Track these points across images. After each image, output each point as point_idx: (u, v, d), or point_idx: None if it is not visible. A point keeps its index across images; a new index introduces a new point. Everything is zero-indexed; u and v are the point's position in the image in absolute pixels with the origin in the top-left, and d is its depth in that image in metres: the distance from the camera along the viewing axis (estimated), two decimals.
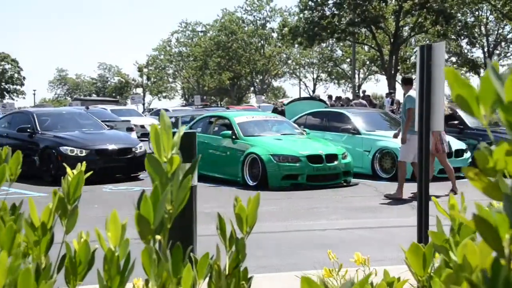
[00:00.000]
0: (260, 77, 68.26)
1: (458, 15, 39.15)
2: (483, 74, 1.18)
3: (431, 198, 2.08)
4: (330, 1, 37.60)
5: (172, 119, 20.47)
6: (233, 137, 13.37)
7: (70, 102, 36.84)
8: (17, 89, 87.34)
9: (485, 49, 47.72)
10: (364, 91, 31.54)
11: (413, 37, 41.67)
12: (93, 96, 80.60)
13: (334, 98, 30.12)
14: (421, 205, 4.49)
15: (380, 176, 13.74)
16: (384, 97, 31.54)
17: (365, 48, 55.99)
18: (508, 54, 51.73)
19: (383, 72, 39.07)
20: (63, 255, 1.65)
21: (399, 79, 58.46)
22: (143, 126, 28.02)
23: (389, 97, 28.94)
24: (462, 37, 42.09)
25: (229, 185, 12.99)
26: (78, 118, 15.37)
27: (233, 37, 63.94)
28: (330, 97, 30.44)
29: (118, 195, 12.00)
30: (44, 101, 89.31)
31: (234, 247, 1.85)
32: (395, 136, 12.20)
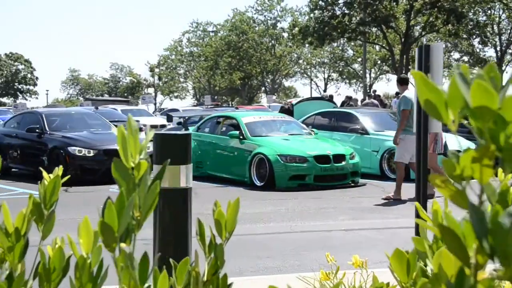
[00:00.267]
0: (271, 77, 68.21)
1: (469, 14, 38.88)
2: (450, 80, 1.14)
3: (415, 203, 2.04)
4: (340, 1, 37.48)
5: (181, 119, 20.45)
6: (241, 137, 13.35)
7: (81, 103, 36.98)
8: (30, 89, 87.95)
9: (498, 48, 47.40)
10: (374, 91, 31.40)
11: (424, 37, 41.43)
12: (105, 96, 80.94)
13: (344, 98, 30.05)
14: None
15: (388, 177, 13.66)
16: (393, 97, 31.42)
17: (376, 47, 55.79)
18: None
19: (394, 72, 38.89)
20: (39, 262, 1.62)
21: (411, 78, 58.23)
22: (153, 126, 28.10)
23: (397, 97, 28.82)
24: (474, 36, 41.80)
25: (236, 185, 12.97)
26: (87, 118, 15.42)
27: (244, 37, 63.92)
28: (349, 98, 30.37)
29: None
30: (56, 101, 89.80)
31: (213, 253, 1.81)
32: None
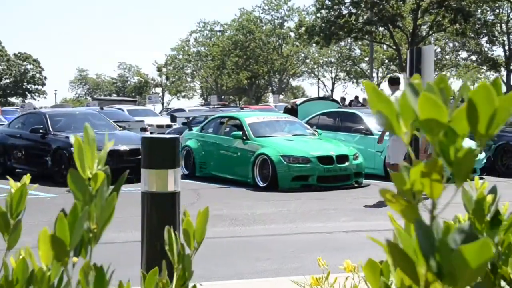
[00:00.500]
0: (278, 77, 68.16)
1: (477, 13, 38.70)
2: (403, 91, 1.11)
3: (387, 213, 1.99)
4: (347, 0, 37.40)
5: (186, 119, 20.42)
6: (244, 137, 13.32)
7: (88, 103, 37.10)
8: (39, 89, 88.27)
9: (506, 47, 47.13)
10: (381, 90, 31.36)
11: (431, 36, 41.27)
12: (113, 96, 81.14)
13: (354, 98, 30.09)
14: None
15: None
16: None
17: (384, 47, 55.62)
18: None
19: (401, 71, 38.74)
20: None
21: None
22: (159, 126, 28.10)
23: None
24: (482, 35, 41.58)
25: (239, 186, 12.95)
26: (91, 119, 15.42)
27: (251, 36, 63.90)
28: (356, 98, 30.33)
29: (128, 196, 11.97)
30: (65, 101, 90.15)
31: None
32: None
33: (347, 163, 12.59)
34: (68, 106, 45.44)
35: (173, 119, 20.64)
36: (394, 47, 40.42)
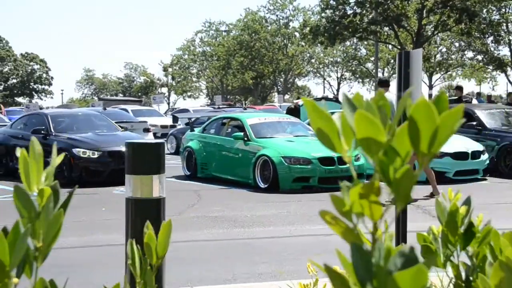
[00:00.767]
0: (283, 77, 68.07)
1: (483, 13, 38.48)
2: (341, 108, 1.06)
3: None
4: (351, 0, 37.28)
5: (189, 120, 20.38)
6: (245, 138, 13.28)
7: (92, 103, 37.12)
8: (45, 89, 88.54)
9: None
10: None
11: (437, 35, 41.10)
12: (119, 96, 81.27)
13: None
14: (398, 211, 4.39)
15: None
16: None
17: (389, 46, 55.44)
18: None
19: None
20: None
21: (424, 78, 57.84)
22: (163, 126, 28.08)
23: None
24: (487, 35, 41.35)
25: (240, 187, 12.91)
26: (93, 120, 15.42)
27: (256, 36, 63.83)
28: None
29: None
30: (71, 101, 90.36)
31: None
32: None
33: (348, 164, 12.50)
34: (73, 106, 45.50)
35: (175, 119, 20.54)
36: (399, 47, 40.27)
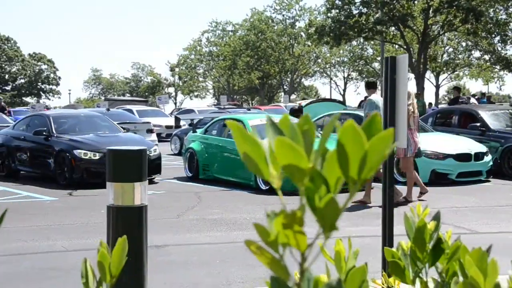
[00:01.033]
0: (290, 77, 67.98)
1: (489, 12, 38.25)
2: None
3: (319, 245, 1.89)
4: (357, 0, 37.16)
5: (190, 121, 20.39)
6: None
7: (98, 103, 37.19)
8: (53, 89, 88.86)
9: None
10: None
11: (443, 35, 40.90)
12: (126, 96, 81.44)
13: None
14: (385, 213, 4.34)
15: (397, 180, 13.44)
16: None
17: (396, 46, 55.29)
18: None
19: (411, 71, 38.46)
20: None
21: (431, 77, 57.60)
22: (168, 127, 28.06)
23: (365, 101, 28.46)
24: (494, 35, 41.11)
25: (242, 189, 12.86)
26: (95, 121, 15.39)
27: (262, 36, 63.76)
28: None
29: None
30: (78, 101, 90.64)
31: None
32: None
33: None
34: (80, 106, 45.57)
35: (177, 121, 20.41)
36: (405, 47, 40.13)
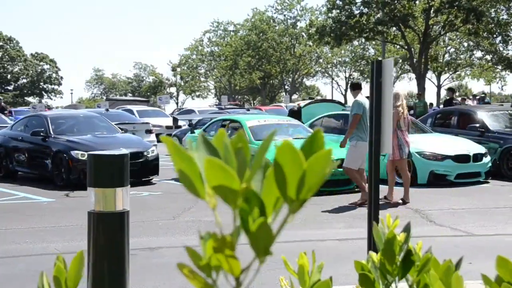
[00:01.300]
0: (291, 76, 67.91)
1: (490, 12, 38.14)
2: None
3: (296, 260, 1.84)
4: (358, 0, 37.07)
5: (188, 121, 20.35)
6: None
7: (98, 103, 37.20)
8: (55, 89, 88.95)
9: None
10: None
11: (444, 35, 40.81)
12: (128, 96, 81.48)
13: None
14: (370, 213, 4.32)
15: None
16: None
17: (397, 46, 55.22)
18: None
19: (412, 71, 38.38)
20: None
21: (432, 77, 57.49)
22: (168, 127, 28.01)
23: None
24: (495, 35, 41.00)
25: None
26: (93, 122, 15.34)
27: (264, 36, 63.69)
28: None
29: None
30: (80, 101, 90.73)
31: None
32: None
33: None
34: (81, 106, 45.59)
35: (175, 121, 20.35)
36: (406, 47, 40.05)
